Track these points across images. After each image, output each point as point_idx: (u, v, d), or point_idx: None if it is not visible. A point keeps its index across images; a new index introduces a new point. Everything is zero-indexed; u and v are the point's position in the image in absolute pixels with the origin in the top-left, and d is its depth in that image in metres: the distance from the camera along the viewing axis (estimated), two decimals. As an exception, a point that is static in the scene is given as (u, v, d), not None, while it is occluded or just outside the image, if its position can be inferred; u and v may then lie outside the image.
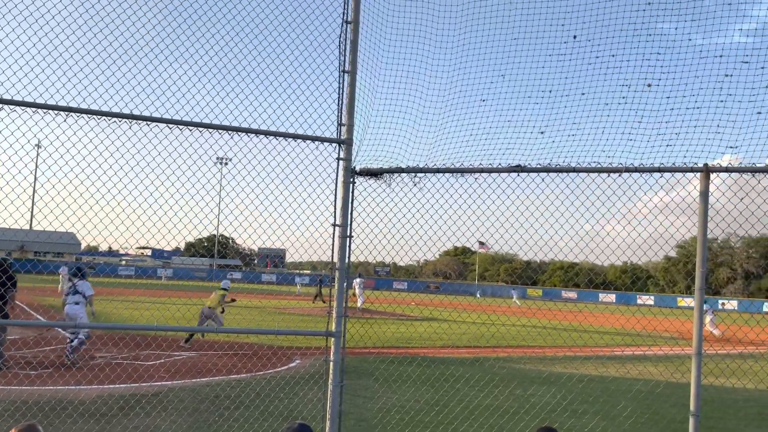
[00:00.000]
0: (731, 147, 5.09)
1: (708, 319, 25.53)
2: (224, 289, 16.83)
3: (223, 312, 16.83)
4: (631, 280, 78.21)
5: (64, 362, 12.04)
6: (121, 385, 10.16)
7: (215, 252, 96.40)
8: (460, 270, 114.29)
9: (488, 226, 6.20)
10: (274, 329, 15.45)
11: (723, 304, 63.97)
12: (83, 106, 5.29)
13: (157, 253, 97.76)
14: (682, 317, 28.02)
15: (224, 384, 10.76)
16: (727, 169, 5.02)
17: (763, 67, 4.98)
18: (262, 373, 12.07)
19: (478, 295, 69.65)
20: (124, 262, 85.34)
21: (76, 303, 12.67)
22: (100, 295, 13.33)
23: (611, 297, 72.36)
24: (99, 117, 5.33)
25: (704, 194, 5.00)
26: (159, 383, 10.55)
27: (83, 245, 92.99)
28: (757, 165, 4.92)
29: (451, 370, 13.13)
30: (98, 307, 13.39)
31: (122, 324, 18.69)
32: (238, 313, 24.90)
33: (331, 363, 5.84)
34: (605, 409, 10.09)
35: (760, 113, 4.96)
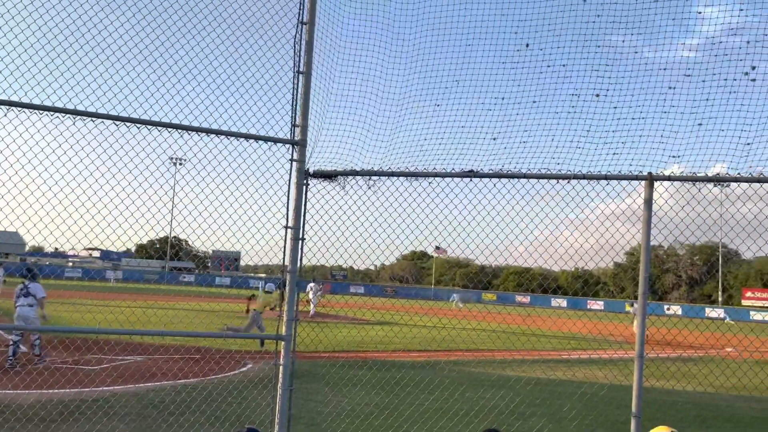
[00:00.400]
0: (674, 156, 5.28)
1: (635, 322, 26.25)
2: (268, 293, 17.34)
3: (274, 308, 16.86)
4: (578, 285, 79.94)
5: (2, 365, 11.58)
6: (62, 390, 9.80)
7: (167, 254, 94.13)
8: (417, 274, 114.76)
9: (441, 230, 6.25)
10: (223, 332, 15.18)
11: (668, 308, 66.11)
12: (25, 100, 5.08)
13: (106, 255, 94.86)
14: (626, 321, 28.86)
15: (170, 389, 10.49)
16: (669, 178, 5.19)
17: (704, 81, 5.17)
18: (211, 377, 11.84)
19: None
20: (71, 264, 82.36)
21: (30, 305, 12.37)
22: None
23: (563, 302, 73.82)
24: (41, 112, 5.13)
25: (648, 202, 5.15)
26: (102, 388, 10.21)
27: (28, 245, 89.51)
28: (698, 174, 5.11)
29: (402, 373, 13.15)
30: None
31: (64, 327, 18.02)
32: (186, 316, 24.39)
33: (281, 367, 5.76)
34: (551, 411, 10.28)
35: (701, 124, 5.15)
